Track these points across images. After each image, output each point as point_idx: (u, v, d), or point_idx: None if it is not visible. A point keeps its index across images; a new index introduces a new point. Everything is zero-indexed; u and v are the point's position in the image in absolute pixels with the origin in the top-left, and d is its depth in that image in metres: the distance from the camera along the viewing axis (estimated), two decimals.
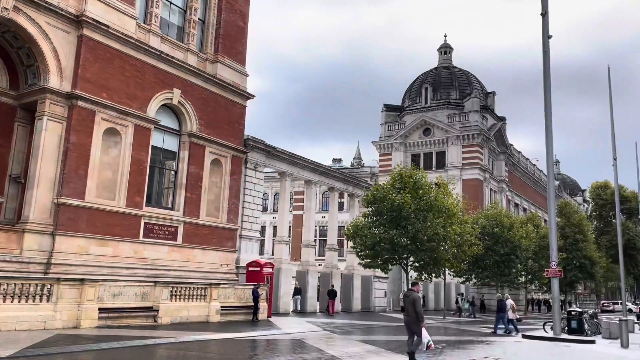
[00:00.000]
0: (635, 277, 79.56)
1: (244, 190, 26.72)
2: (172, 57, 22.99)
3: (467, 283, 43.27)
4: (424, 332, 11.92)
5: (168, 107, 23.38)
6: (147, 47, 21.84)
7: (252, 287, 22.38)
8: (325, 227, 56.69)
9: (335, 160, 78.31)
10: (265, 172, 31.85)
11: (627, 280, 69.75)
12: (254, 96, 27.08)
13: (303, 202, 37.79)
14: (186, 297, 19.80)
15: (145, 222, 21.56)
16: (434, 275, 30.97)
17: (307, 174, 31.49)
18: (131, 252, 20.81)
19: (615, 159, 37.39)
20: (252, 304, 22.02)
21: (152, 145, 22.20)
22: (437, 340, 18.24)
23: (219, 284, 21.51)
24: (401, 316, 30.18)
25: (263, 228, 63.11)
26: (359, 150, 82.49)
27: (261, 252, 57.94)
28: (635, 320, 33.29)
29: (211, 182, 24.70)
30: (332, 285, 31.16)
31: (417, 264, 29.25)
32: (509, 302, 23.38)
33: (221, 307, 20.92)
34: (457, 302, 38.95)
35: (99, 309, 16.62)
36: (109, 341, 13.46)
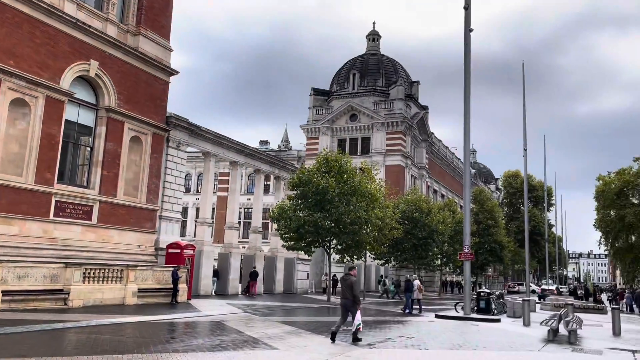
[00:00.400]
0: (539, 261, 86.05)
1: (165, 170, 25.85)
2: (89, 26, 21.59)
3: (387, 265, 44.73)
4: (358, 314, 12.39)
5: (84, 80, 22.02)
6: (60, 13, 20.35)
7: (172, 269, 21.82)
8: (250, 210, 56.26)
9: (263, 142, 77.75)
10: (189, 152, 30.97)
11: (531, 263, 75.26)
12: (177, 72, 26.14)
13: (228, 184, 37.19)
14: (100, 279, 18.97)
15: (56, 201, 20.32)
16: (355, 257, 31.69)
17: (233, 155, 30.98)
18: (40, 231, 19.58)
19: (525, 150, 39.94)
20: (172, 286, 21.51)
21: (65, 119, 20.86)
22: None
23: (137, 265, 20.79)
24: (322, 297, 30.88)
25: (185, 209, 61.74)
26: (287, 133, 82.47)
27: (183, 234, 56.59)
28: (537, 301, 36.04)
29: (130, 160, 23.67)
30: (254, 267, 31.14)
31: (339, 247, 29.78)
32: (416, 282, 24.40)
33: (138, 289, 20.26)
34: (384, 284, 40.10)
35: (2, 291, 15.55)
36: (12, 325, 12.62)
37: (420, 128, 62.09)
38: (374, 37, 66.70)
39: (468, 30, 23.45)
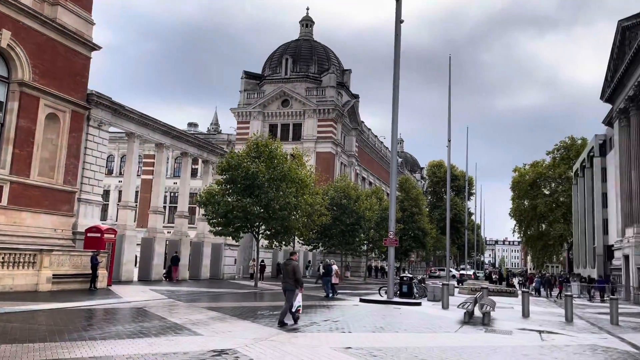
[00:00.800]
0: (458, 247, 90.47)
1: (85, 150, 24.54)
2: None
3: (315, 251, 45.23)
4: (299, 297, 12.78)
5: None
6: None
7: (91, 254, 20.86)
8: (176, 194, 54.80)
9: (191, 124, 75.81)
10: (111, 132, 29.64)
11: (451, 250, 78.98)
12: (100, 47, 24.77)
13: (153, 167, 35.93)
14: (10, 264, 17.80)
15: None
16: (284, 243, 31.76)
17: (159, 136, 29.93)
18: None
19: (449, 141, 41.65)
20: (90, 272, 20.58)
21: None
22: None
23: (52, 250, 19.67)
24: (250, 283, 30.75)
25: (107, 192, 59.24)
26: (217, 116, 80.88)
27: (104, 218, 54.33)
28: (456, 285, 37.84)
29: (46, 139, 22.23)
30: (176, 252, 30.52)
31: (268, 232, 29.70)
32: (334, 267, 24.94)
33: (54, 275, 19.21)
34: (318, 269, 40.50)
35: None
36: None
37: (351, 116, 62.91)
38: (307, 22, 66.49)
39: (399, 21, 23.85)
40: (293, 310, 12.76)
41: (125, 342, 9.74)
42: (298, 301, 12.77)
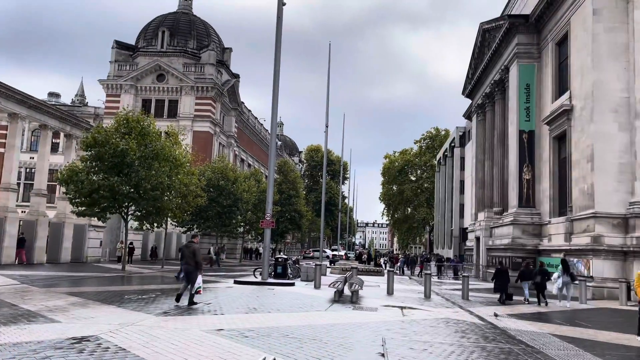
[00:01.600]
0: (332, 229, 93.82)
1: None
2: None
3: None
4: (199, 278, 13.64)
5: None
6: None
7: None
8: (33, 170, 49.79)
9: (52, 94, 69.26)
10: None
11: (326, 231, 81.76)
12: None
13: (5, 139, 32.23)
14: None
15: None
16: (155, 224, 30.42)
17: (12, 105, 26.89)
18: None
19: (327, 126, 42.73)
20: None
21: None
22: (153, 289, 18.10)
23: None
24: (117, 266, 29.12)
25: None
26: (83, 87, 74.74)
27: None
28: (328, 265, 39.27)
29: None
30: (22, 233, 27.98)
31: (138, 213, 28.25)
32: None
33: None
34: (209, 252, 39.35)
35: None
36: None
37: (231, 96, 61.78)
38: None
39: (281, 3, 23.74)
40: (193, 292, 13.45)
41: None
42: (198, 282, 13.52)
